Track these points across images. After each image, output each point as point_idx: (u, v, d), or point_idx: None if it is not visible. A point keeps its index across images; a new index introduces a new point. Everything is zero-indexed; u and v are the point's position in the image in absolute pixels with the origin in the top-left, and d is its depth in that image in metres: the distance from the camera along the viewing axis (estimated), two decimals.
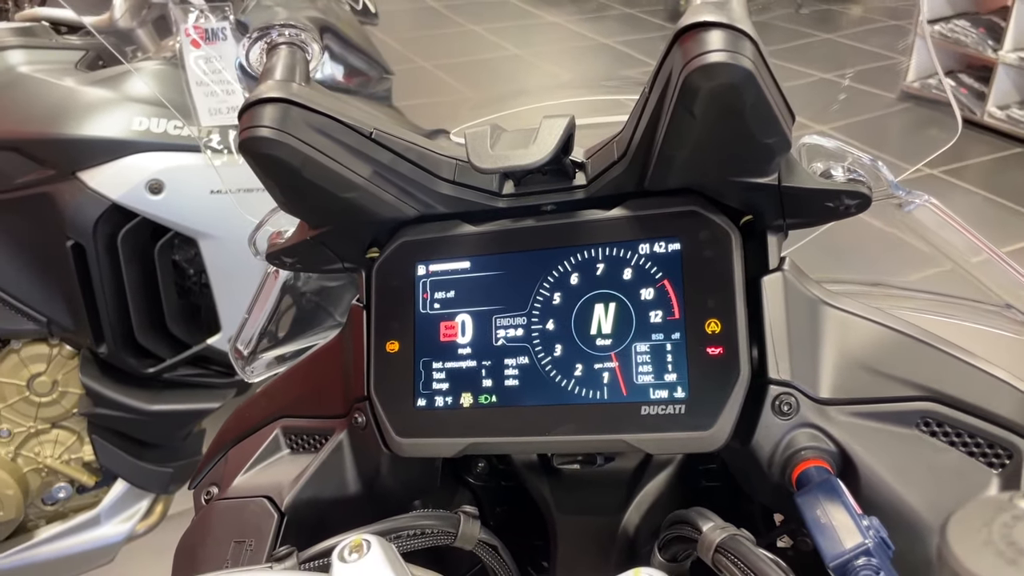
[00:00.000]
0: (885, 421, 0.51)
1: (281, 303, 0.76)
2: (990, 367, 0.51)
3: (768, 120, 0.45)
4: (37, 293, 1.53)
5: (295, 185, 0.53)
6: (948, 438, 0.51)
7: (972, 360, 0.51)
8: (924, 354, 0.51)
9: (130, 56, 1.62)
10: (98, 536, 1.72)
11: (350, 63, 1.68)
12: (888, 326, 0.51)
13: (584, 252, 0.55)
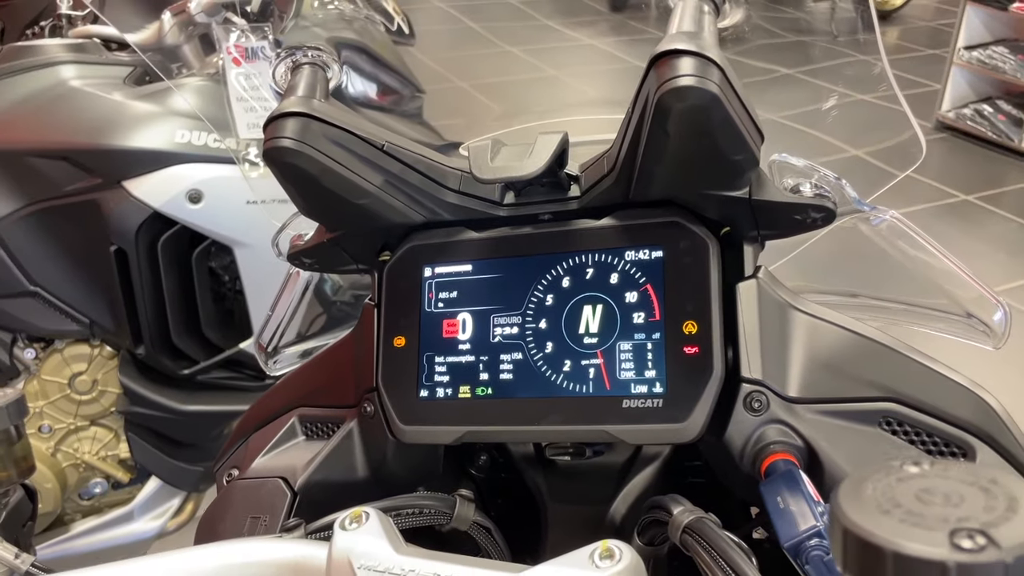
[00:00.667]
0: (849, 419, 0.55)
1: (310, 308, 0.81)
2: (949, 371, 0.54)
3: (735, 138, 0.49)
4: (81, 296, 1.61)
5: (313, 191, 0.58)
6: (908, 436, 0.54)
7: (932, 364, 0.55)
8: (887, 358, 0.55)
9: (175, 72, 1.71)
10: (131, 531, 1.79)
11: (383, 81, 1.75)
12: (854, 331, 0.55)
13: (575, 258, 0.59)
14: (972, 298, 0.58)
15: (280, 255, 0.69)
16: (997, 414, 0.53)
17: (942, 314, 0.59)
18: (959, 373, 0.54)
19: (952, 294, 0.58)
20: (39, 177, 1.54)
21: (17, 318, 1.63)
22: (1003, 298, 0.58)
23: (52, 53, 1.62)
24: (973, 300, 0.58)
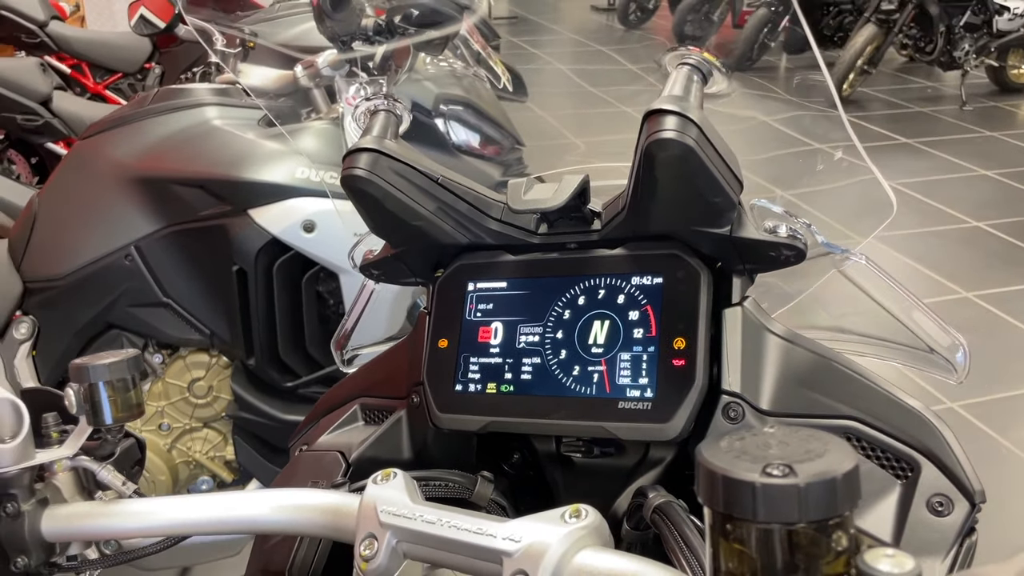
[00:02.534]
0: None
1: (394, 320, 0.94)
2: (905, 397, 0.62)
3: (711, 184, 0.60)
4: (205, 309, 1.81)
5: (379, 213, 0.72)
6: (865, 451, 0.62)
7: (891, 390, 0.62)
8: (851, 381, 0.63)
9: (304, 116, 1.92)
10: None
11: (486, 133, 1.90)
12: (824, 356, 0.64)
13: (591, 280, 0.70)
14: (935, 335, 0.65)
15: (355, 266, 0.82)
16: (943, 436, 0.60)
17: (909, 349, 0.67)
18: (913, 398, 0.61)
19: (917, 331, 0.65)
20: (179, 202, 1.76)
21: (150, 325, 1.84)
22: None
23: (199, 95, 1.85)
24: (936, 337, 0.65)
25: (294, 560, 0.70)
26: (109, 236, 1.80)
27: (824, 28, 8.21)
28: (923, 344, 0.66)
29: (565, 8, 11.87)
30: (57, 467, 0.65)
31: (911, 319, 0.66)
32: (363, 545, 0.59)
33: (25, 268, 1.85)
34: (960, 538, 0.58)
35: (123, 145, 1.82)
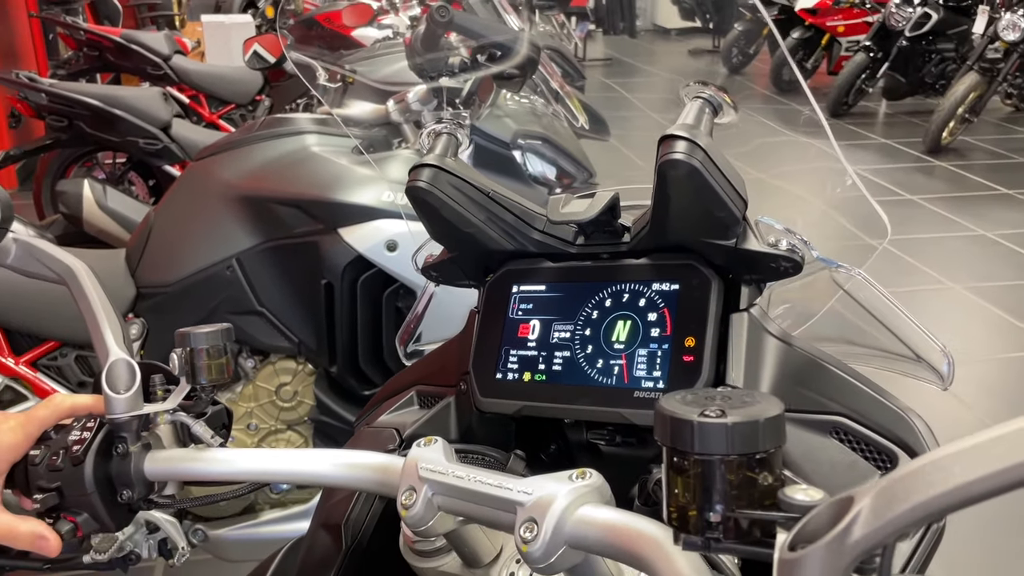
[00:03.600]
0: (807, 427, 0.71)
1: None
2: (889, 397, 0.69)
3: (715, 200, 0.69)
4: (294, 319, 1.97)
5: (437, 220, 0.83)
6: (851, 444, 0.69)
7: (876, 391, 0.70)
8: (841, 382, 0.71)
9: (395, 145, 2.07)
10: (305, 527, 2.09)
11: (560, 166, 2.02)
12: (818, 359, 0.72)
13: (617, 286, 0.80)
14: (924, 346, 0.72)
15: (417, 268, 0.94)
16: (920, 433, 0.67)
17: (900, 357, 0.74)
18: (895, 399, 0.69)
19: (908, 341, 0.72)
20: (276, 220, 1.93)
21: (245, 332, 2.00)
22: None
23: (300, 124, 2.02)
24: (925, 348, 0.72)
25: (349, 515, 0.82)
26: (214, 248, 1.98)
27: (926, 75, 8.09)
28: (913, 354, 0.73)
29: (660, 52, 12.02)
30: (160, 419, 0.78)
31: (902, 330, 0.73)
32: (404, 496, 0.69)
33: (139, 275, 2.04)
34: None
35: (230, 167, 2.01)
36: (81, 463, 0.73)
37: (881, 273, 0.78)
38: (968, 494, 0.36)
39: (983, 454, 0.36)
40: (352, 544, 0.81)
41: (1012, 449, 0.35)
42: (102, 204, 2.80)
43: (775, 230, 0.73)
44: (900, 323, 0.74)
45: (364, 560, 0.82)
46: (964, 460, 0.36)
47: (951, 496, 0.36)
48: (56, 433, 0.77)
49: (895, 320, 0.74)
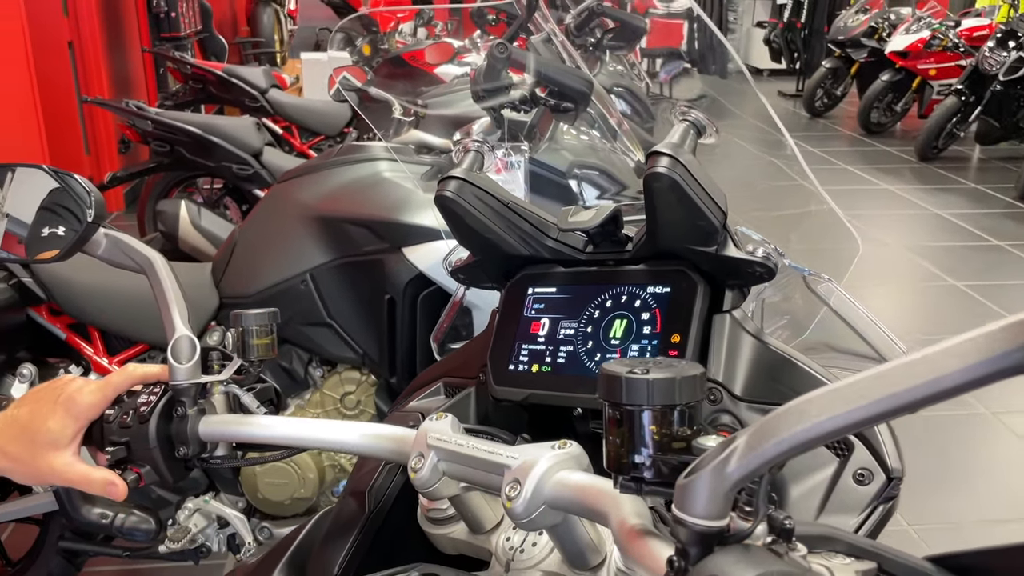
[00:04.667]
0: None
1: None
2: None
3: (695, 210, 0.78)
4: (360, 332, 2.11)
5: (462, 227, 0.94)
6: None
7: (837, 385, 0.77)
8: (808, 377, 0.78)
9: None
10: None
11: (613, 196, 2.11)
12: (789, 357, 0.79)
13: (617, 288, 0.89)
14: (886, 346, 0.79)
15: (447, 270, 1.05)
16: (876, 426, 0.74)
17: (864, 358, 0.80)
18: None
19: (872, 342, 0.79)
20: (347, 239, 2.07)
21: (315, 342, 2.15)
22: None
23: (374, 151, 2.18)
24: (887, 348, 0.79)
25: (374, 484, 0.92)
26: (290, 264, 2.14)
27: (1020, 120, 7.88)
28: (876, 354, 0.80)
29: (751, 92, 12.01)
30: (214, 389, 0.90)
31: (868, 333, 0.80)
32: (414, 461, 0.79)
33: (222, 286, 2.22)
34: (874, 503, 0.71)
35: (309, 189, 2.17)
36: (146, 422, 0.86)
37: (964, 319, 0.85)
38: (821, 431, 0.44)
39: (833, 399, 0.44)
40: (374, 509, 0.91)
41: (857, 395, 0.43)
42: (196, 223, 3.02)
43: (753, 239, 0.82)
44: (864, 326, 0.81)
45: (384, 525, 0.92)
46: (818, 404, 0.45)
47: (806, 433, 0.45)
48: (128, 397, 0.90)
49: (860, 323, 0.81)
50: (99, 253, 0.99)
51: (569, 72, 1.80)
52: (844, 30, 9.61)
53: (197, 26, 6.59)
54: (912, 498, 2.36)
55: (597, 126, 2.15)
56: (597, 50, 3.58)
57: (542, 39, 2.06)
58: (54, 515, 2.35)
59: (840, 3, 11.31)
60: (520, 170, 1.97)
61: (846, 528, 0.71)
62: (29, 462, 0.86)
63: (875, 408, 0.42)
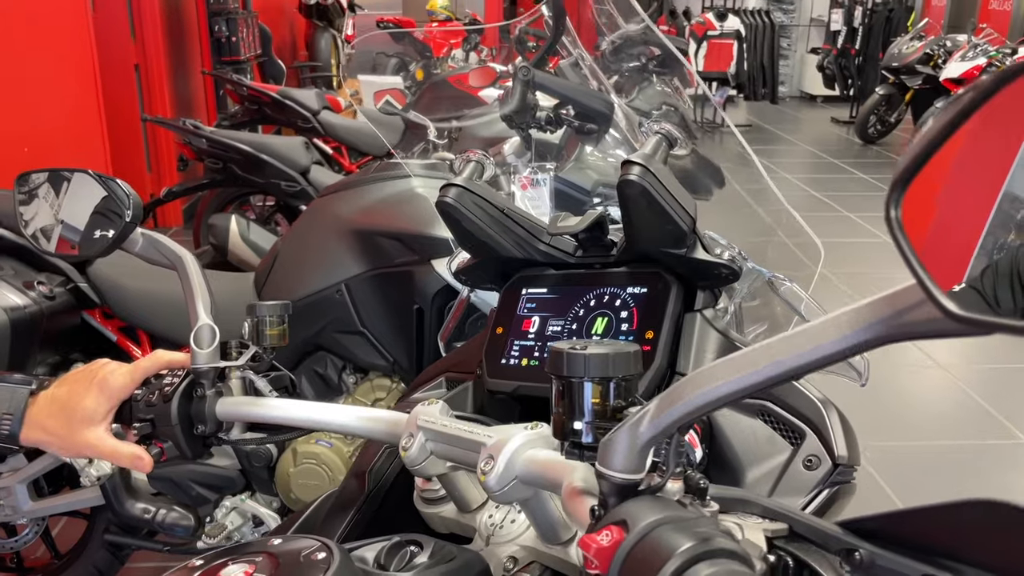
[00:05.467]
0: (740, 409, 0.84)
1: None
2: (808, 388, 0.82)
3: (664, 215, 0.84)
4: (390, 340, 2.19)
5: (461, 230, 1.02)
6: (772, 424, 0.82)
7: (799, 383, 0.82)
8: None
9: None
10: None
11: None
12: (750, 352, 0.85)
13: (600, 289, 0.96)
14: None
15: (452, 273, 1.13)
16: (825, 415, 0.79)
17: None
18: (814, 390, 0.82)
19: None
20: (381, 251, 2.17)
21: (348, 350, 2.24)
22: None
23: (410, 168, 2.28)
24: None
25: (374, 465, 1.00)
26: (327, 274, 2.24)
27: None
28: None
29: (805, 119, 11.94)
30: (231, 374, 0.99)
31: None
32: (404, 440, 0.87)
33: (263, 295, 2.33)
34: (819, 486, 0.77)
35: (346, 204, 2.28)
36: (169, 401, 0.95)
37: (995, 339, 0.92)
38: (717, 396, 0.51)
39: (728, 369, 0.51)
40: (373, 489, 0.99)
41: (749, 364, 0.50)
42: (245, 237, 3.16)
43: (720, 244, 0.88)
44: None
45: (382, 505, 0.99)
46: (715, 373, 0.51)
47: (705, 397, 0.51)
48: (155, 379, 0.99)
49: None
50: (136, 250, 1.09)
51: (591, 94, 1.88)
52: (899, 57, 9.53)
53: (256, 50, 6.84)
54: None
55: (625, 148, 2.22)
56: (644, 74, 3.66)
57: (570, 63, 2.14)
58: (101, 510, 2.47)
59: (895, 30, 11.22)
60: (546, 187, 2.05)
61: (796, 505, 0.76)
62: (67, 436, 0.96)
63: (762, 375, 0.49)
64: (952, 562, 0.52)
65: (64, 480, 2.39)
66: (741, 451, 0.81)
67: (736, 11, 11.63)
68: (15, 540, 2.49)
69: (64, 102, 4.03)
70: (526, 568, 0.82)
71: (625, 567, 0.50)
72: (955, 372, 4.01)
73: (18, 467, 2.29)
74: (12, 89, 3.58)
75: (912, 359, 4.12)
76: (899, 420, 3.53)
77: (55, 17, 3.94)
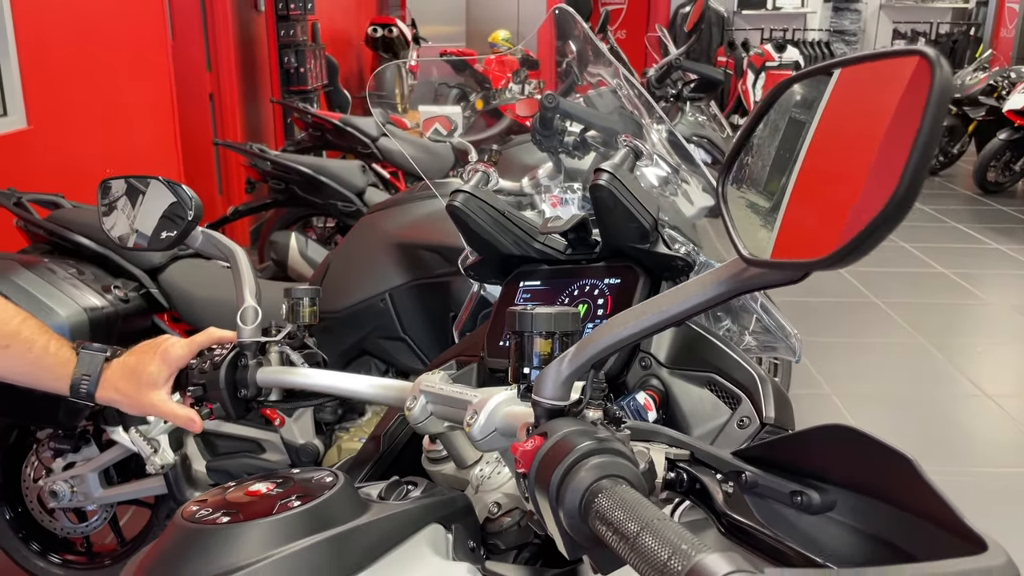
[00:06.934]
0: (689, 380, 0.99)
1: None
2: (747, 360, 0.96)
3: (628, 215, 1.00)
4: (429, 345, 2.37)
5: (467, 231, 1.19)
6: (716, 392, 0.97)
7: (739, 356, 0.97)
8: (716, 349, 0.98)
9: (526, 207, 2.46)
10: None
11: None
12: (703, 332, 1.00)
13: (582, 281, 1.11)
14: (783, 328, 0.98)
15: (463, 269, 1.30)
16: (759, 384, 0.93)
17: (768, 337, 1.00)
18: (751, 362, 0.96)
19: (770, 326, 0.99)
20: (422, 263, 2.36)
21: (390, 355, 2.43)
22: None
23: (450, 188, 2.46)
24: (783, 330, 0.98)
25: (389, 429, 1.17)
26: (373, 284, 2.43)
27: None
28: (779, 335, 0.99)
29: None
30: (271, 348, 1.17)
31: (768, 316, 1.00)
32: (409, 402, 1.03)
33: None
34: (747, 441, 0.91)
35: (392, 220, 2.47)
36: (218, 369, 1.13)
37: None
38: (618, 338, 0.66)
39: (627, 318, 0.66)
40: (386, 450, 1.15)
41: (641, 314, 0.65)
42: (303, 253, 3.38)
43: (678, 240, 1.03)
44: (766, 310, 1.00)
45: (393, 464, 1.16)
46: (618, 322, 0.67)
47: (609, 340, 0.67)
48: (207, 352, 1.18)
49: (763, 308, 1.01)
50: (196, 246, 1.28)
51: (610, 120, 2.04)
52: (961, 88, 9.46)
53: (323, 80, 7.18)
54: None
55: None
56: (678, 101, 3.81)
57: (596, 93, 2.30)
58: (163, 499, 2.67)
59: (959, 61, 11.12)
60: (573, 206, 2.21)
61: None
62: (134, 396, 1.15)
63: (651, 320, 0.64)
64: (816, 481, 0.65)
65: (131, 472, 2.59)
66: (690, 414, 0.95)
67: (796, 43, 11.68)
68: (85, 525, 2.69)
69: (144, 128, 4.35)
70: (508, 513, 0.97)
71: (541, 464, 0.65)
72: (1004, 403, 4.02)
73: (91, 457, 2.51)
74: (98, 115, 3.91)
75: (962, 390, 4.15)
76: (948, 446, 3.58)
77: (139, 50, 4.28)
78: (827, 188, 0.52)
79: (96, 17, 3.91)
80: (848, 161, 0.50)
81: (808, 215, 0.52)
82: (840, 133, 0.53)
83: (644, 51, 7.77)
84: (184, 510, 0.78)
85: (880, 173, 0.43)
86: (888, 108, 0.45)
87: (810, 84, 0.53)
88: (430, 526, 0.86)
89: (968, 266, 6.33)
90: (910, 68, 0.43)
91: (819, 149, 0.53)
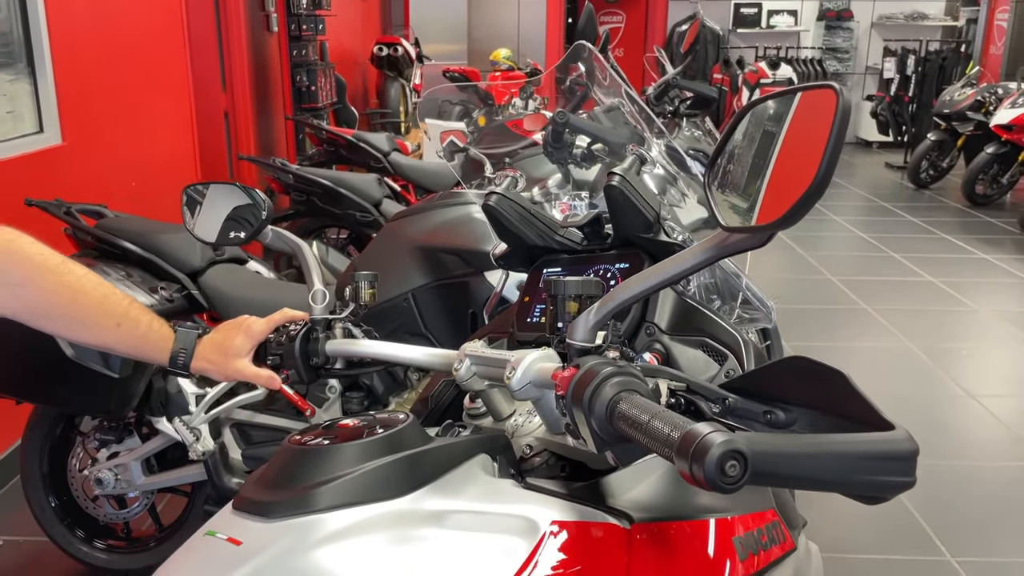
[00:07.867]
0: (686, 344, 1.21)
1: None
2: (733, 326, 1.18)
3: (634, 210, 1.22)
4: (449, 342, 2.58)
5: (499, 226, 1.41)
6: (708, 352, 1.19)
7: (727, 323, 1.19)
8: (709, 319, 1.21)
9: None
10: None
11: None
12: (695, 305, 1.22)
13: (597, 266, 1.33)
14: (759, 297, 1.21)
15: (493, 258, 1.52)
16: (741, 345, 1.16)
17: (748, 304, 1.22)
18: (738, 327, 1.18)
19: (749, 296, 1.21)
20: (442, 265, 2.58)
21: None
22: None
23: (467, 197, 2.69)
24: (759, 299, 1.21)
25: (434, 392, 1.39)
26: (396, 285, 2.65)
27: None
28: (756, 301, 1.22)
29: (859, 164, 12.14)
30: (336, 325, 1.39)
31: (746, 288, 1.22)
32: (456, 364, 1.24)
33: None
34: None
35: (414, 226, 2.70)
36: (293, 341, 1.35)
37: None
38: (631, 294, 0.89)
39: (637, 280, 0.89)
40: (433, 408, 1.37)
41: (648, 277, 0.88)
42: (324, 260, 3.61)
43: (676, 230, 1.26)
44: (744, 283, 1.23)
45: (438, 422, 1.37)
46: (630, 283, 0.89)
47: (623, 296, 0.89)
48: (283, 328, 1.40)
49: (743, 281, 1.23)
50: (267, 242, 1.51)
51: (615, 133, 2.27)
52: (950, 104, 9.72)
53: (332, 98, 7.43)
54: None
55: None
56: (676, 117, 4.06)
57: (603, 109, 2.54)
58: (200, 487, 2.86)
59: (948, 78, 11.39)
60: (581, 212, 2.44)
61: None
62: (223, 364, 1.36)
63: (655, 280, 0.87)
64: (782, 403, 0.87)
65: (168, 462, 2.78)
66: (686, 369, 1.17)
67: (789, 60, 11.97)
68: (126, 511, 2.87)
69: (166, 144, 4.59)
70: (538, 454, 1.19)
71: (576, 386, 0.87)
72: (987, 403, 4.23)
73: (133, 447, 2.71)
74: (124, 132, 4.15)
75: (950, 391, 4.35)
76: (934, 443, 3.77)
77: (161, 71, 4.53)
78: (782, 176, 0.74)
79: (122, 38, 4.16)
80: (796, 157, 0.73)
81: (769, 195, 0.75)
82: (794, 139, 0.75)
83: (642, 69, 8.04)
84: (291, 438, 1.00)
85: (809, 165, 0.66)
86: (819, 123, 0.68)
87: (777, 102, 0.76)
88: (480, 455, 1.08)
89: (956, 275, 6.56)
90: (829, 96, 0.66)
91: (783, 148, 0.76)
